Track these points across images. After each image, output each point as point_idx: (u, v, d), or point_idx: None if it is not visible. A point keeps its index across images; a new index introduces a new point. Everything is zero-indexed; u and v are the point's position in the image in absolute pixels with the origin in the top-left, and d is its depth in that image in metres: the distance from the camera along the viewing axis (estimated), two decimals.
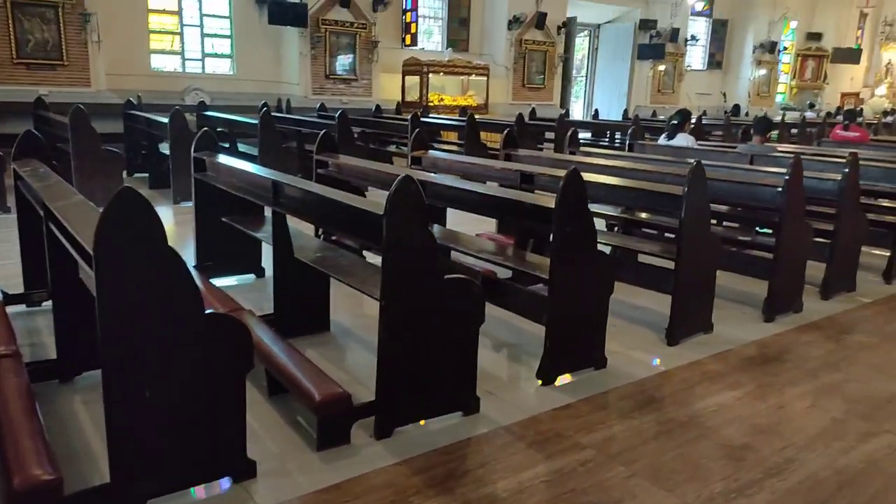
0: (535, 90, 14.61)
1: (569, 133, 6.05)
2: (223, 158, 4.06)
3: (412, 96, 13.03)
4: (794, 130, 12.51)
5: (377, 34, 12.16)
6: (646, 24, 16.17)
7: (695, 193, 3.55)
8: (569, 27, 14.94)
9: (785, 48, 19.66)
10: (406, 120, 9.26)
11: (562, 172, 4.27)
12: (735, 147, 6.32)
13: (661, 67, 16.40)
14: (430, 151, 5.26)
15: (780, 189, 4.02)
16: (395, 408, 2.62)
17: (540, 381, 3.14)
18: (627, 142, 6.48)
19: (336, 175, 4.53)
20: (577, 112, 16.50)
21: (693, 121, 8.60)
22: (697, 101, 17.48)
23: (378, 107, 10.80)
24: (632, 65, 16.33)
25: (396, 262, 2.49)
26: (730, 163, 5.64)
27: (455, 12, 14.32)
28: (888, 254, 5.14)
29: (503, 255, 3.74)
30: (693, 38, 17.36)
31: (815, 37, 20.13)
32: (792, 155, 5.97)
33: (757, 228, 5.20)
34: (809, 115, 16.65)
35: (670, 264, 3.74)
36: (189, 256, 4.50)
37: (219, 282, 4.32)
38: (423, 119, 9.35)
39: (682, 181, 3.87)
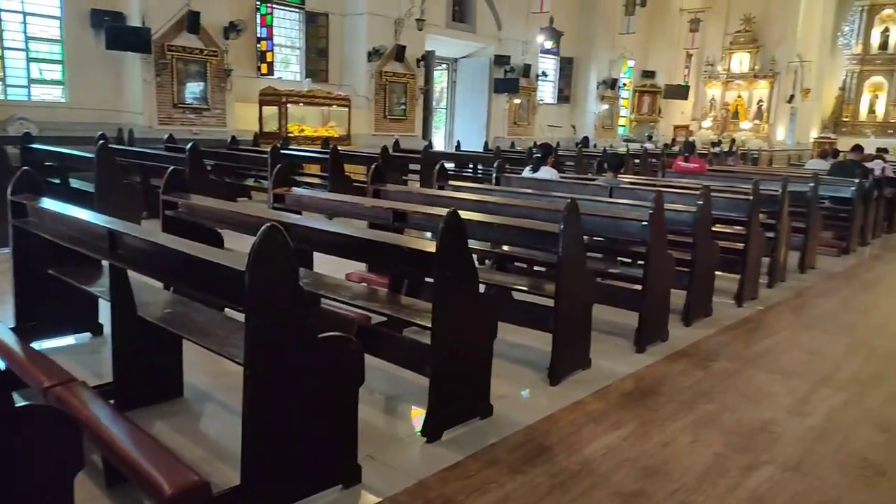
0: (398, 121, 14.58)
1: (437, 167, 5.95)
2: (48, 203, 3.49)
3: (270, 127, 12.50)
4: (636, 161, 13.36)
5: (230, 62, 11.57)
6: (500, 60, 16.74)
7: (571, 230, 3.51)
8: (427, 60, 15.11)
9: (624, 85, 21.18)
10: (265, 152, 8.80)
11: (435, 210, 4.15)
12: (594, 179, 6.54)
13: (517, 101, 17.04)
14: (294, 188, 4.92)
15: (645, 223, 4.12)
16: (265, 491, 2.27)
17: (425, 439, 2.91)
18: (494, 175, 6.50)
19: (187, 217, 4.07)
20: (438, 142, 16.66)
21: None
22: (550, 133, 18.32)
23: (234, 138, 10.21)
24: (489, 98, 16.81)
25: (261, 323, 2.17)
26: (591, 195, 5.77)
27: (313, 42, 14.01)
28: (738, 278, 5.46)
29: (379, 301, 3.49)
30: (543, 74, 18.23)
31: (650, 74, 21.90)
32: (645, 187, 6.29)
33: (619, 259, 5.35)
34: (648, 146, 17.99)
35: (548, 301, 3.68)
36: (8, 315, 3.84)
37: (46, 344, 3.72)
38: (283, 151, 8.94)
39: (554, 217, 3.86)
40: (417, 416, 3.11)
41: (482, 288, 3.93)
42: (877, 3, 25.25)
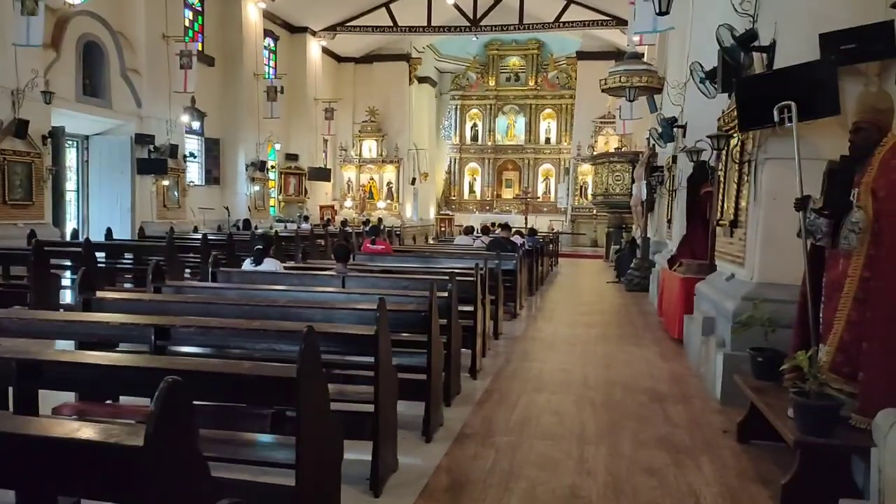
0: (22, 207, 12.20)
1: (152, 264, 5.16)
2: None
3: None
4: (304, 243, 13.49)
5: None
6: (142, 139, 15.39)
7: (384, 330, 3.42)
8: (56, 138, 13.08)
9: (272, 166, 21.43)
10: None
11: (205, 320, 3.62)
12: (323, 269, 6.45)
13: (165, 182, 15.80)
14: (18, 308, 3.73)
15: (424, 313, 4.23)
16: None
17: None
18: (210, 270, 5.91)
19: None
20: (70, 230, 14.38)
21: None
22: (201, 216, 17.44)
23: None
24: (133, 179, 15.25)
25: None
26: (326, 286, 5.73)
27: None
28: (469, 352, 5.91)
29: None
30: (192, 154, 17.36)
31: (293, 157, 22.60)
32: (371, 274, 6.45)
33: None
34: (305, 226, 18.42)
35: (361, 407, 3.49)
36: None
37: None
38: None
39: (350, 317, 3.73)
40: None
41: None
42: (465, 104, 30.63)
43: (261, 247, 6.25)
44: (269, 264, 6.11)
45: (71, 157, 15.13)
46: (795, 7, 5.36)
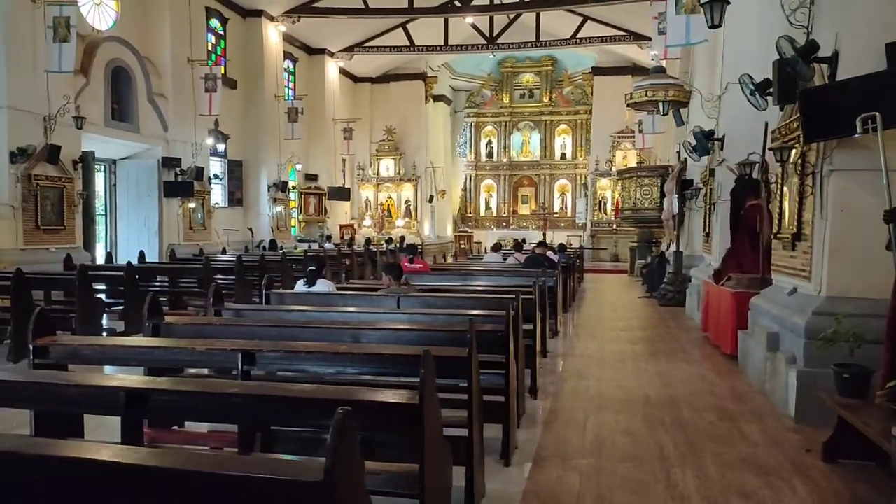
0: (54, 232, 12.24)
1: (212, 287, 5.12)
2: None
3: None
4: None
5: None
6: (169, 162, 15.49)
7: (475, 351, 3.34)
8: (87, 162, 13.18)
9: (292, 187, 21.50)
10: None
11: (288, 344, 3.56)
12: (375, 289, 6.39)
13: (191, 205, 15.85)
14: (59, 334, 3.68)
15: (501, 332, 4.15)
16: None
17: None
18: (263, 292, 5.85)
19: None
20: (99, 254, 14.45)
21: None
22: (226, 237, 17.49)
23: None
24: (160, 202, 15.31)
25: None
26: (384, 307, 5.67)
27: None
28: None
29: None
30: (216, 176, 17.44)
31: (313, 177, 22.67)
32: (427, 293, 6.38)
33: None
34: (329, 246, 18.41)
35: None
36: None
37: None
38: None
39: (423, 339, 3.65)
40: None
41: None
42: (480, 121, 30.67)
43: (313, 268, 6.19)
44: (322, 285, 6.05)
45: (99, 181, 15.24)
46: (855, 17, 5.29)
